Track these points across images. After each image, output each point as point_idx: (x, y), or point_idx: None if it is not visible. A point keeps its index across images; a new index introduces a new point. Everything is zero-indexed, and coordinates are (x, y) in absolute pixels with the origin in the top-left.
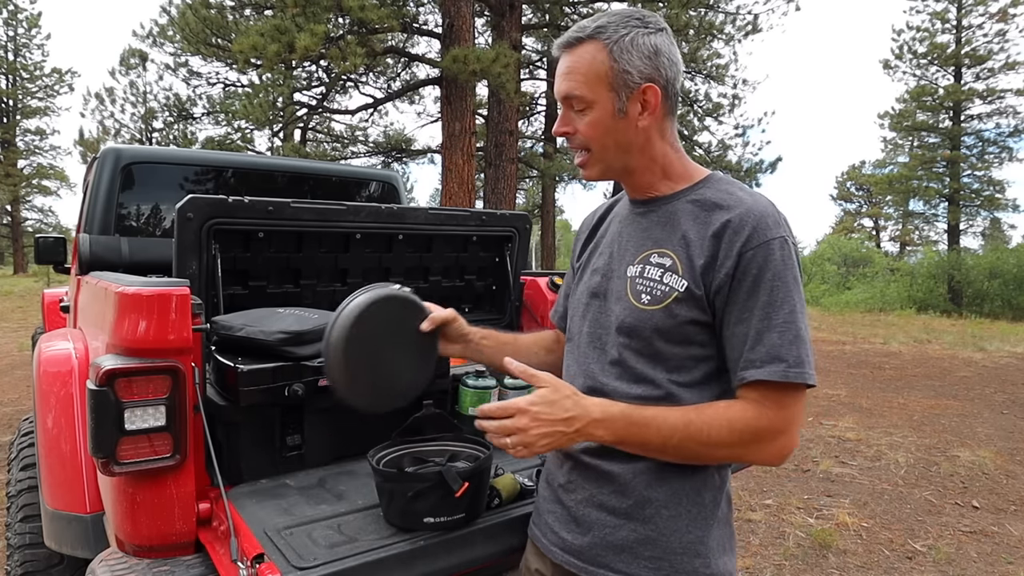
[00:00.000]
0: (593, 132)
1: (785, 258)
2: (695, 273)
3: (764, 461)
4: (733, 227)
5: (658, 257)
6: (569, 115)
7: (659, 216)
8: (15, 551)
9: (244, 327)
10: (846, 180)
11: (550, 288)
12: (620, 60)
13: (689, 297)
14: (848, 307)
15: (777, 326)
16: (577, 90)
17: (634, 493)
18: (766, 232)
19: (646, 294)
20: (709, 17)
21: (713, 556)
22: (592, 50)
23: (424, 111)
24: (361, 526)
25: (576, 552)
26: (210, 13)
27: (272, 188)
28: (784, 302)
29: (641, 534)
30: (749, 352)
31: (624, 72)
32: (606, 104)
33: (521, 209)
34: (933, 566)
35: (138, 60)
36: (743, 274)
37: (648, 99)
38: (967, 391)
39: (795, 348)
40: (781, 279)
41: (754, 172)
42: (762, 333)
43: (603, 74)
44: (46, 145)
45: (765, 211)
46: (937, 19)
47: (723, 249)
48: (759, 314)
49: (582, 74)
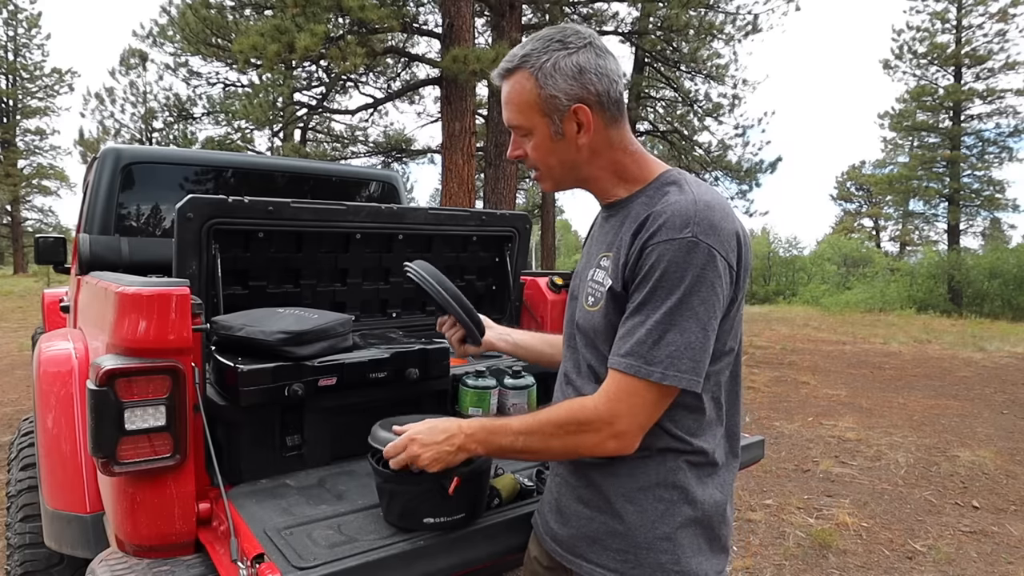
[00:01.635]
0: (537, 155)
1: (680, 260)
2: (618, 272)
3: (595, 451)
4: (648, 224)
5: (605, 260)
6: (517, 139)
7: (617, 219)
8: (15, 551)
9: (244, 327)
10: (846, 180)
11: (550, 288)
12: (546, 86)
13: (613, 296)
14: (848, 307)
15: (647, 324)
16: (514, 120)
17: (604, 488)
18: (671, 231)
19: (591, 295)
20: (709, 17)
21: (683, 554)
22: (521, 79)
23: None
24: (361, 526)
25: (559, 541)
26: (210, 13)
27: (272, 188)
28: (663, 303)
29: (610, 527)
30: (619, 342)
31: (551, 97)
32: (543, 129)
33: (521, 209)
34: (933, 566)
35: (138, 60)
36: (640, 268)
37: (581, 119)
38: (967, 391)
39: (656, 349)
40: (666, 279)
41: (754, 172)
42: (634, 329)
43: (533, 102)
44: (46, 145)
45: (681, 210)
46: (937, 19)
47: (635, 244)
48: (637, 310)
49: (515, 104)
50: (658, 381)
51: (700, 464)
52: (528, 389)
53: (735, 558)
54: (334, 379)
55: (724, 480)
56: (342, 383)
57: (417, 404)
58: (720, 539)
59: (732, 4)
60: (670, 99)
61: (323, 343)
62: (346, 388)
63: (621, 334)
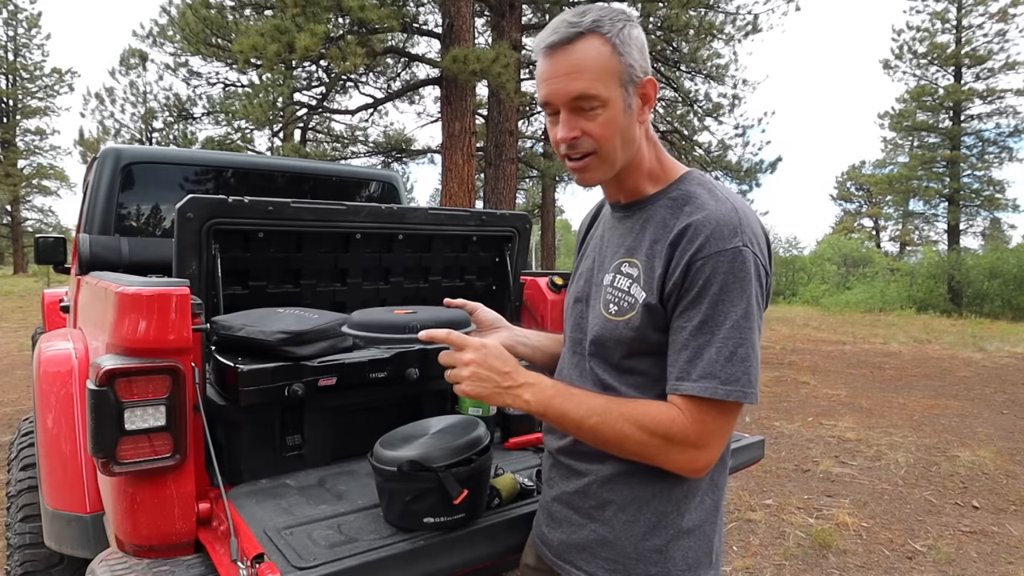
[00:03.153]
0: (607, 132)
1: (736, 270)
2: (653, 284)
3: (674, 467)
4: (688, 235)
5: (628, 267)
6: (573, 116)
7: (635, 221)
8: (15, 551)
9: (244, 327)
10: (846, 180)
11: (550, 288)
12: (624, 54)
13: (647, 309)
14: (848, 307)
15: (716, 342)
16: (591, 89)
17: (595, 495)
18: (719, 242)
19: (614, 304)
20: (709, 17)
21: (675, 567)
22: (597, 45)
23: (424, 111)
24: (361, 526)
25: (550, 546)
26: (210, 13)
27: (272, 188)
28: (727, 317)
29: (600, 535)
30: (686, 364)
31: (629, 67)
32: (619, 102)
33: (521, 209)
34: (933, 566)
35: (138, 60)
36: (691, 284)
37: (648, 92)
38: (967, 391)
39: (730, 366)
40: (727, 292)
41: (754, 172)
42: (702, 348)
43: (613, 70)
44: (46, 145)
45: (724, 218)
46: (937, 19)
47: (676, 257)
48: (700, 327)
49: (593, 71)
50: (737, 400)
51: (695, 476)
52: None
53: (735, 558)
54: (334, 379)
55: (717, 486)
56: (342, 383)
57: (417, 404)
58: (712, 552)
59: (732, 4)
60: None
61: (323, 343)
62: (346, 388)
63: (687, 356)
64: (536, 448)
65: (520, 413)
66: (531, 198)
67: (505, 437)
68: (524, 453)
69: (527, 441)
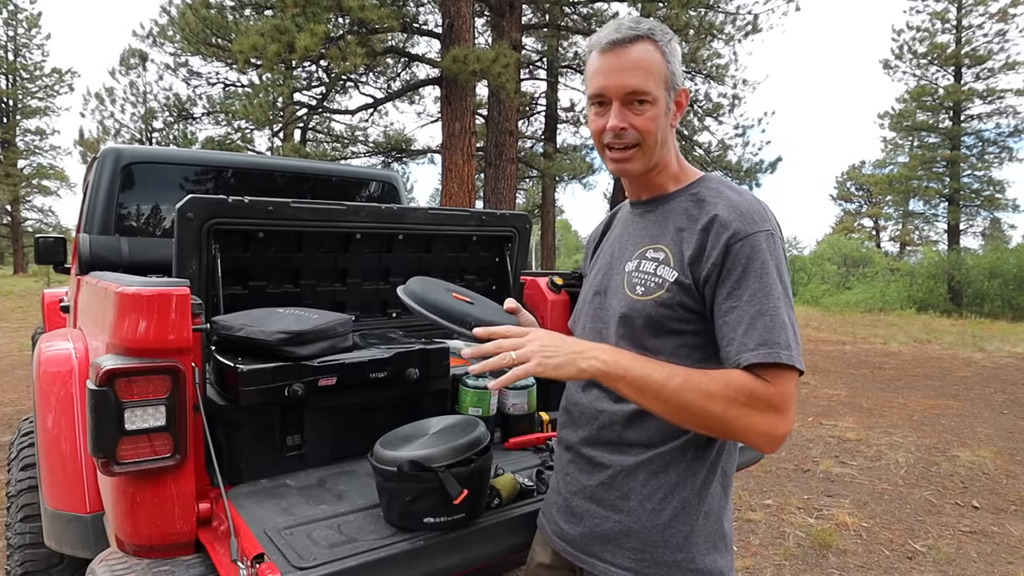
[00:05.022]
0: (652, 127)
1: (771, 250)
2: (684, 264)
3: (756, 434)
4: (721, 221)
5: (653, 252)
6: (623, 109)
7: (656, 215)
8: (15, 551)
9: (244, 327)
10: (846, 180)
11: (550, 288)
12: (671, 62)
13: (679, 287)
14: (848, 307)
15: (767, 311)
16: (644, 85)
17: (619, 486)
18: (752, 225)
19: (640, 285)
20: (709, 17)
21: (699, 552)
22: (652, 49)
23: (424, 111)
24: (361, 526)
25: (570, 541)
26: (210, 13)
27: (272, 188)
28: (771, 290)
29: (625, 525)
30: (743, 337)
31: (673, 74)
32: (663, 102)
33: (521, 209)
34: (933, 566)
35: (138, 60)
36: (732, 264)
37: (681, 101)
38: (967, 391)
39: (783, 333)
40: (766, 269)
41: (754, 172)
42: (755, 319)
43: (662, 73)
44: (46, 145)
45: (751, 207)
46: (937, 19)
47: (711, 240)
48: (749, 302)
49: (647, 71)
50: (796, 365)
51: (715, 463)
52: (528, 389)
53: (735, 558)
54: (334, 379)
55: (727, 474)
56: (342, 383)
57: (417, 404)
58: (727, 536)
59: (732, 4)
60: None
61: (323, 343)
62: (346, 388)
63: (743, 329)
64: (536, 448)
65: (520, 413)
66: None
67: (505, 437)
68: (524, 453)
69: (527, 441)
